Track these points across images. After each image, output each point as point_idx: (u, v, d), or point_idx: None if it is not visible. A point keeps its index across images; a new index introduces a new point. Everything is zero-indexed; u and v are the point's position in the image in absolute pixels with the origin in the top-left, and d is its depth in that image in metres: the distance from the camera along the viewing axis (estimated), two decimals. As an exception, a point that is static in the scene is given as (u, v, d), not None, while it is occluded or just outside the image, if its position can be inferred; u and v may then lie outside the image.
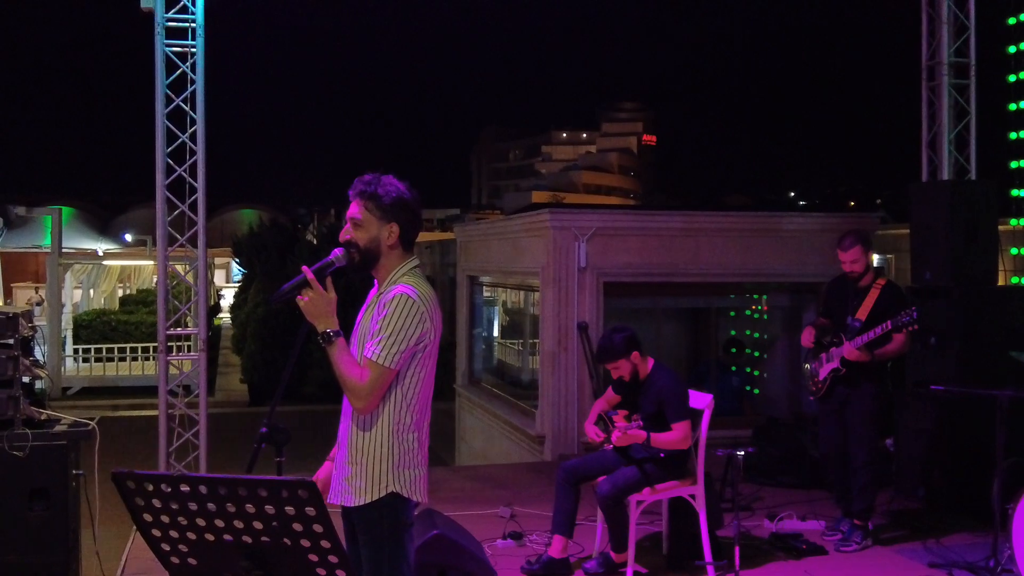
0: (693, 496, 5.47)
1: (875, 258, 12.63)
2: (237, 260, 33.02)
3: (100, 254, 31.91)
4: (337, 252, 3.17)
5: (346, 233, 3.20)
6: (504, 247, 11.61)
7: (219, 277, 45.27)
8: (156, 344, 7.65)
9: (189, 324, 8.50)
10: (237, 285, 35.54)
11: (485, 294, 13.95)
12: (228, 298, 38.99)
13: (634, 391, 5.55)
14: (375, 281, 3.27)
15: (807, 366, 6.36)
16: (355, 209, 3.19)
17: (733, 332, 10.96)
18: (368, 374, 3.03)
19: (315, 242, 29.35)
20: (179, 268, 8.05)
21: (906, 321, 5.70)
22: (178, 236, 7.70)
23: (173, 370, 7.81)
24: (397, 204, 3.16)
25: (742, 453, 5.62)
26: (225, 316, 37.10)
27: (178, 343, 8.11)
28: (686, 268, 9.73)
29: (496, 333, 13.95)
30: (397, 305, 3.04)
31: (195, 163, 7.54)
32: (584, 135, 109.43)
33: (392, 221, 3.16)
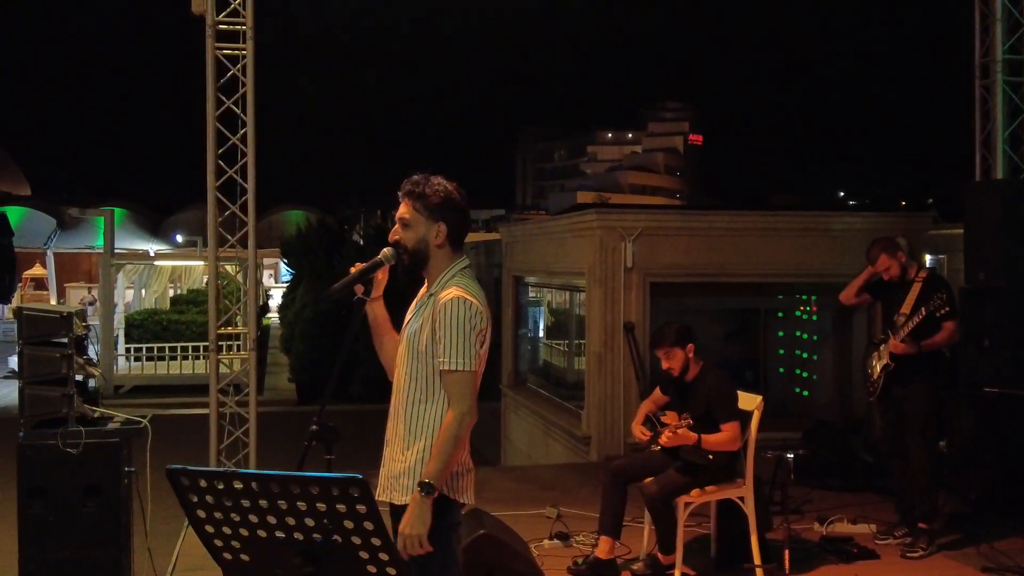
0: (742, 498, 5.42)
1: (927, 258, 12.42)
2: (285, 261, 33.32)
3: (152, 255, 32.44)
4: (386, 251, 3.19)
5: (395, 234, 3.22)
6: (549, 247, 11.59)
7: (267, 278, 45.83)
8: (207, 343, 7.76)
9: (239, 324, 8.60)
10: (285, 285, 35.89)
11: (530, 294, 13.94)
12: (276, 298, 39.41)
13: (682, 391, 5.52)
14: (425, 281, 3.28)
15: (868, 369, 6.26)
16: (403, 209, 3.21)
17: (782, 333, 10.84)
18: (452, 390, 3.05)
19: (362, 242, 29.54)
20: (229, 268, 8.16)
21: (936, 304, 5.66)
22: (228, 237, 7.79)
23: (223, 369, 7.91)
24: (445, 204, 3.17)
25: (792, 455, 5.57)
26: (273, 316, 37.53)
27: (228, 342, 8.17)
28: (734, 268, 9.65)
29: (542, 333, 13.94)
30: (455, 309, 3.05)
31: (245, 165, 7.63)
32: (630, 135, 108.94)
33: (440, 221, 3.17)
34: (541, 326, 13.98)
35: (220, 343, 7.81)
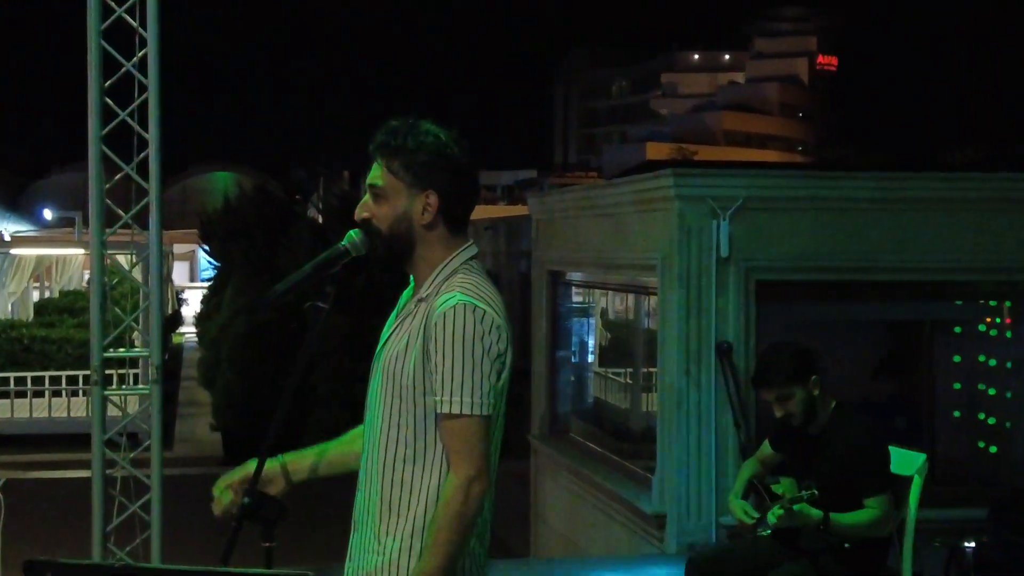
0: (895, 609, 5.40)
1: None
2: (206, 248, 33.52)
3: (7, 239, 32.68)
4: (353, 236, 3.20)
5: (363, 208, 3.24)
6: (603, 228, 11.58)
7: (179, 273, 46.05)
8: (88, 372, 7.80)
9: (136, 343, 8.66)
10: (206, 285, 36.08)
11: (575, 298, 13.93)
12: (193, 304, 39.62)
13: (804, 447, 5.52)
14: (411, 279, 3.29)
15: None
16: (376, 172, 3.23)
17: (958, 358, 10.77)
18: (454, 443, 3.08)
19: (320, 220, 29.63)
20: (122, 260, 8.20)
21: None
22: (120, 212, 7.83)
23: (113, 411, 7.95)
24: (436, 162, 3.19)
25: (972, 544, 5.55)
26: (189, 331, 37.69)
27: (120, 371, 8.19)
28: (885, 259, 9.60)
29: (591, 358, 13.93)
30: (459, 322, 3.06)
31: (145, 103, 7.66)
32: (726, 57, 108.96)
33: (428, 188, 3.19)
34: (590, 346, 13.97)
35: (108, 372, 7.85)
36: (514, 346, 3.20)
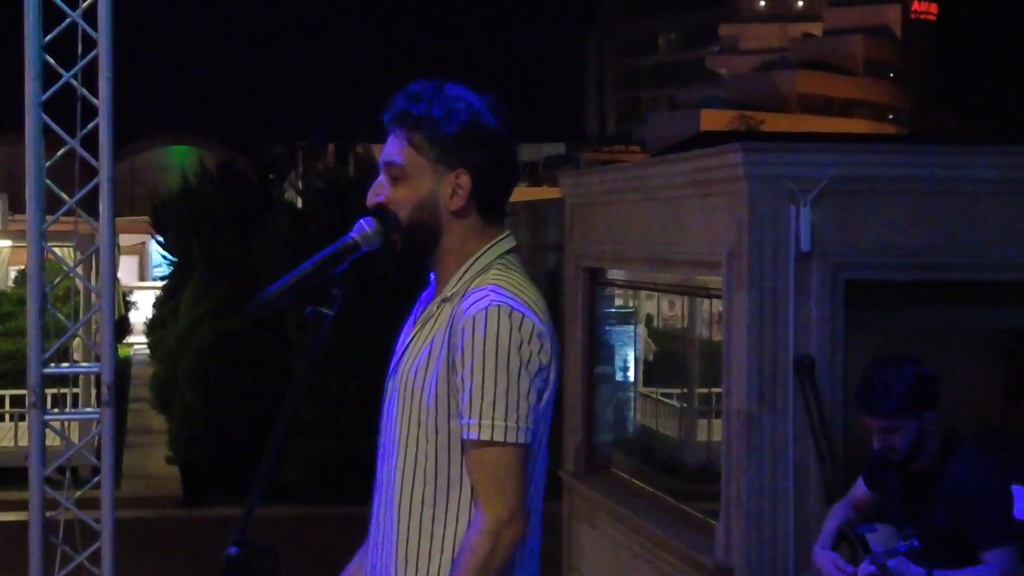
0: None
1: None
2: (159, 239, 33.57)
3: (-84, 228, 32.82)
4: (363, 225, 3.20)
5: (378, 191, 3.25)
6: (653, 216, 11.59)
7: (127, 270, 46.07)
8: (23, 391, 7.83)
9: (78, 358, 8.68)
10: (159, 285, 36.12)
11: (616, 302, 13.92)
12: (143, 307, 39.64)
13: (907, 488, 5.52)
14: (432, 278, 3.31)
15: None
16: (394, 147, 3.23)
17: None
18: (484, 476, 3.09)
19: (300, 204, 29.60)
20: (63, 253, 8.22)
21: None
22: (64, 196, 7.85)
23: (53, 440, 7.97)
24: (469, 135, 3.21)
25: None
26: (138, 341, 37.73)
27: (61, 390, 8.20)
28: (1005, 255, 9.57)
29: (635, 375, 13.94)
30: (492, 328, 3.07)
31: (95, 62, 7.68)
32: (799, 3, 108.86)
33: (459, 167, 3.20)
34: (634, 361, 13.97)
35: (47, 391, 7.88)
36: (559, 359, 3.20)
